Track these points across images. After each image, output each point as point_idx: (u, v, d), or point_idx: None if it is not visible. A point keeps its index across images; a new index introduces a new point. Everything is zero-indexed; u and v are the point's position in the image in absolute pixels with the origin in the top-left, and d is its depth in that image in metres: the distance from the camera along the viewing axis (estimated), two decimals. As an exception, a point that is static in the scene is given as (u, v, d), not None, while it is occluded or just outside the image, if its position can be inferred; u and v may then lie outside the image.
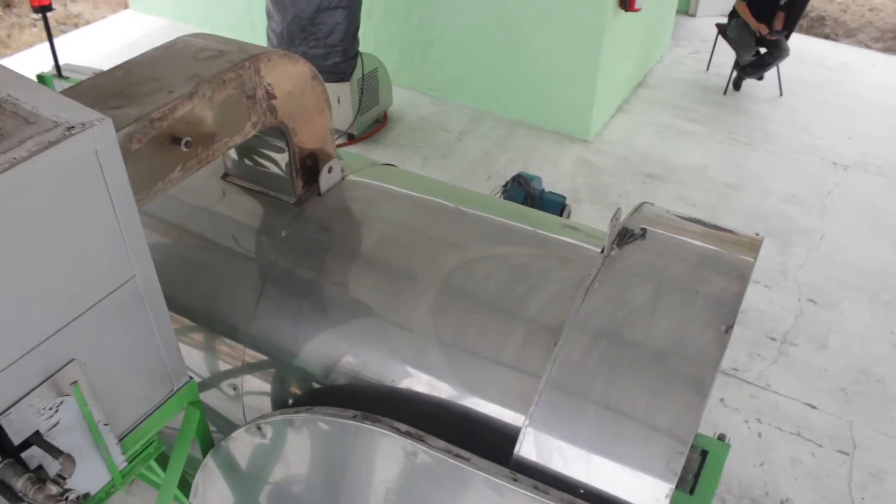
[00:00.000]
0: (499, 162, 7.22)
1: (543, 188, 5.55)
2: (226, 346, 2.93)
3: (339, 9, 6.41)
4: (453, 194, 3.24)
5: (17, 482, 1.97)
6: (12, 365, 1.93)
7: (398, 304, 2.73)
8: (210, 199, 3.10)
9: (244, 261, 2.97)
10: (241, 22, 9.33)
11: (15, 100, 1.82)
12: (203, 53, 2.58)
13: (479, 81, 7.95)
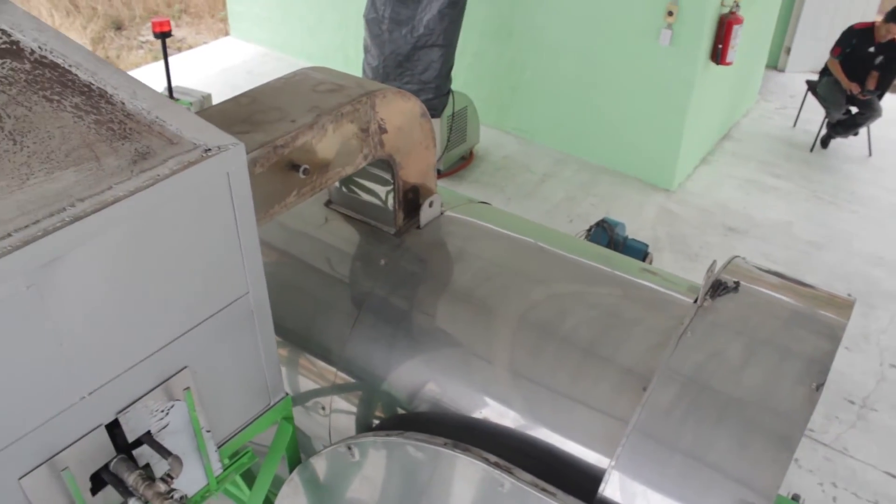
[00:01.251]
0: (581, 206, 7.28)
1: (626, 235, 5.59)
2: (318, 366, 3.04)
3: (435, 47, 6.58)
4: (547, 235, 3.31)
5: (129, 477, 2.10)
6: (134, 367, 2.06)
7: (489, 340, 2.81)
8: (313, 225, 3.24)
9: (342, 286, 3.09)
10: (335, 54, 9.60)
11: (162, 121, 1.96)
12: (322, 86, 2.71)
13: (565, 125, 8.04)
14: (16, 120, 1.77)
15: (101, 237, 1.82)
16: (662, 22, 6.96)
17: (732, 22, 6.95)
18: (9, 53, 1.83)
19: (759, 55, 9.10)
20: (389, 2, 6.70)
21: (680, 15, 6.82)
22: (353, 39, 9.05)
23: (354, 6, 8.63)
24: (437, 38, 6.57)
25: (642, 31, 7.10)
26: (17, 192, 1.72)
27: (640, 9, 7.00)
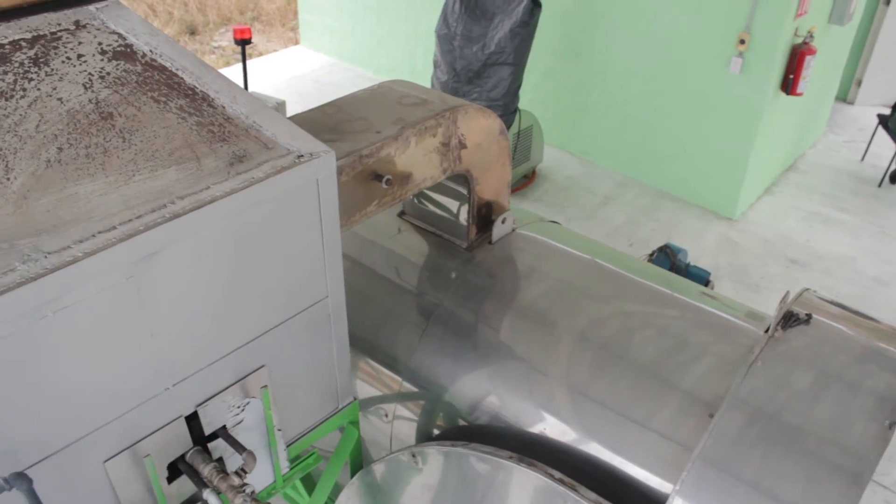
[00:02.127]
0: (642, 230, 7.26)
1: (689, 261, 5.56)
2: (383, 373, 3.09)
3: (505, 65, 6.63)
4: (615, 257, 3.33)
5: (205, 469, 2.16)
6: (216, 363, 2.13)
7: (554, 357, 2.83)
8: (385, 235, 3.29)
9: (412, 297, 3.13)
10: (402, 67, 9.72)
11: (259, 126, 2.03)
12: (407, 100, 2.77)
13: (629, 148, 8.03)
14: (126, 119, 1.85)
15: (197, 235, 1.89)
16: (733, 49, 6.93)
17: (805, 52, 6.89)
18: (123, 56, 1.92)
19: (829, 87, 8.99)
20: (462, 18, 6.78)
21: (752, 43, 6.79)
22: (422, 53, 9.16)
23: (425, 21, 8.75)
24: (507, 57, 6.62)
25: (713, 58, 7.07)
26: (124, 186, 1.80)
27: (712, 35, 6.98)
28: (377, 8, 9.86)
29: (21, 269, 1.64)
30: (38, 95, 1.78)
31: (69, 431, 1.88)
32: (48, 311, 1.69)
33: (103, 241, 1.73)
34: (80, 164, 1.77)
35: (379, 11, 9.87)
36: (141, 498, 2.13)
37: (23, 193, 1.69)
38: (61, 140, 1.77)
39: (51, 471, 1.87)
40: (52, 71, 1.82)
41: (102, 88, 1.86)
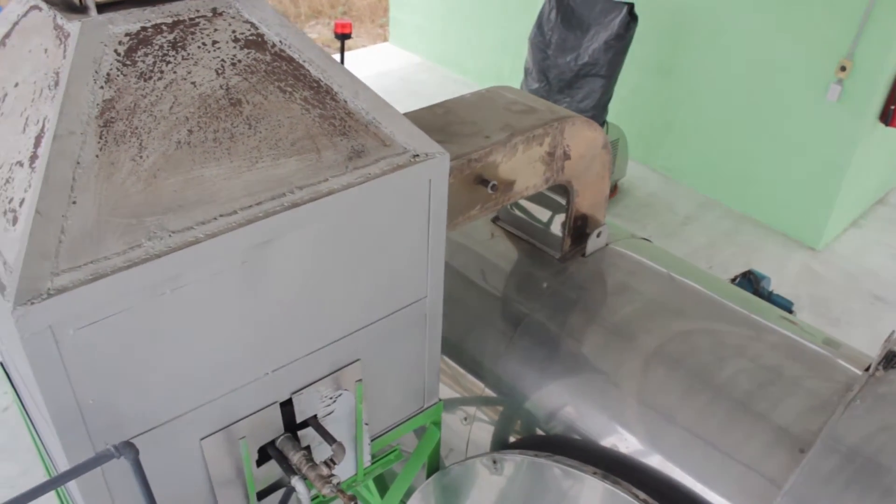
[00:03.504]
0: (722, 254, 7.14)
1: (772, 290, 5.45)
2: (466, 377, 3.09)
3: (598, 77, 6.59)
4: (708, 281, 3.27)
5: (294, 456, 2.19)
6: (314, 353, 2.16)
7: (642, 378, 2.79)
8: (478, 239, 3.30)
9: (501, 303, 3.13)
10: (490, 71, 9.73)
11: (378, 123, 2.05)
12: (515, 106, 2.77)
13: (713, 169, 7.90)
14: (253, 106, 1.89)
15: (312, 226, 1.92)
16: (832, 76, 6.77)
17: (910, 85, 6.70)
18: (254, 45, 1.95)
19: (928, 122, 8.72)
20: (557, 27, 6.76)
21: (854, 71, 6.61)
22: (511, 60, 9.15)
23: (517, 27, 8.74)
24: (600, 69, 6.58)
25: (810, 83, 6.91)
26: (247, 172, 1.83)
27: (812, 61, 6.82)
28: (469, 11, 9.89)
29: (147, 246, 1.69)
30: (173, 78, 1.83)
31: (173, 407, 1.92)
32: (167, 288, 1.73)
33: (224, 224, 1.77)
34: (207, 148, 1.80)
35: (470, 14, 9.89)
36: (230, 478, 2.17)
37: (153, 172, 1.73)
38: (192, 123, 1.81)
39: (151, 443, 1.92)
40: (188, 55, 1.86)
41: (233, 75, 1.90)
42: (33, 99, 1.83)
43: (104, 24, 1.79)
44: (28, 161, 1.73)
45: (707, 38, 7.43)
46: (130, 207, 1.70)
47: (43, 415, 1.90)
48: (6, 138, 1.86)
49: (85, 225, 1.65)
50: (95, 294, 1.63)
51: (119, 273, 1.64)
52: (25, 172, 1.72)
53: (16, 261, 1.60)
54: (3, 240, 1.70)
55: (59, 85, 1.75)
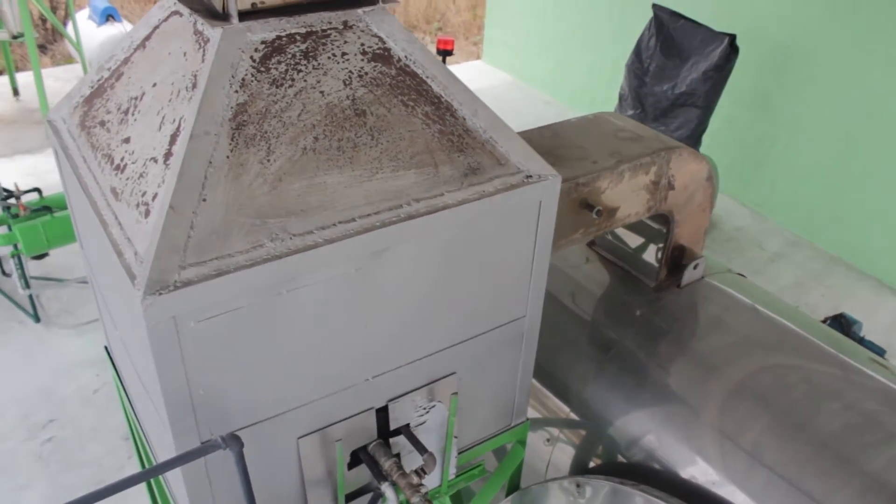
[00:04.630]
0: (810, 295, 6.97)
1: (863, 335, 5.30)
2: (552, 399, 3.09)
3: (694, 107, 6.53)
4: (804, 322, 3.21)
5: (385, 462, 2.22)
6: (414, 362, 2.19)
7: (731, 415, 2.76)
8: (572, 262, 3.30)
9: (592, 328, 3.13)
10: (582, 95, 9.71)
11: (494, 142, 2.08)
12: (623, 133, 2.77)
13: (806, 207, 7.73)
14: (377, 118, 1.94)
15: (425, 238, 1.95)
16: (938, 120, 6.58)
17: None
18: (381, 58, 2.01)
19: None
20: (656, 55, 6.72)
21: (961, 116, 6.42)
22: (605, 85, 9.12)
23: (612, 52, 8.72)
24: (697, 99, 6.52)
25: (913, 126, 6.73)
26: (367, 182, 1.88)
27: (917, 103, 6.64)
28: (564, 33, 9.90)
29: (269, 247, 1.74)
30: (303, 86, 1.89)
31: (277, 404, 1.97)
32: (284, 289, 1.79)
33: (342, 231, 1.82)
34: (331, 156, 1.86)
35: (565, 37, 9.90)
36: (321, 478, 2.22)
37: (279, 176, 1.79)
38: (318, 130, 1.87)
39: (252, 438, 1.97)
40: (319, 65, 1.92)
41: (360, 87, 1.95)
42: (170, 99, 1.91)
43: (243, 32, 1.87)
44: (162, 158, 1.81)
45: (808, 73, 7.29)
46: (256, 208, 1.76)
47: (154, 402, 1.97)
48: (142, 135, 1.94)
49: (213, 222, 1.71)
50: (218, 289, 1.69)
51: (241, 271, 1.70)
52: (159, 168, 1.80)
53: (147, 252, 1.67)
54: (134, 231, 1.77)
55: (197, 87, 1.83)
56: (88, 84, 2.34)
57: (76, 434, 4.93)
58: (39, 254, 5.17)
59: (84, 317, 5.92)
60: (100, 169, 2.04)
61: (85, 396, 5.20)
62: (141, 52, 2.17)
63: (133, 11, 13.50)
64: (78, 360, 5.49)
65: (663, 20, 6.72)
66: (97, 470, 4.65)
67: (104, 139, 2.09)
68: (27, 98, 9.74)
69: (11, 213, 5.01)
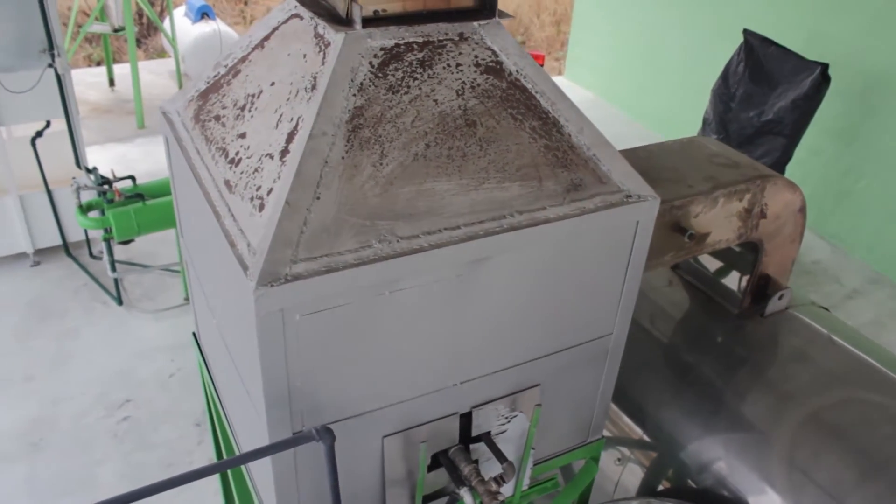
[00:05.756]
0: (891, 334, 6.80)
1: (943, 381, 5.15)
2: (625, 419, 3.10)
3: (780, 136, 6.44)
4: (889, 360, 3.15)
5: (465, 468, 2.25)
6: (501, 371, 2.22)
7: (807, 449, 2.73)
8: (654, 284, 3.30)
9: (670, 351, 3.12)
10: (664, 117, 9.64)
11: (597, 160, 2.10)
12: (718, 159, 2.77)
13: (888, 244, 7.55)
14: (486, 129, 1.98)
15: (525, 250, 1.99)
16: None
17: None
18: (493, 71, 2.05)
19: None
20: (744, 81, 6.64)
21: None
22: (689, 108, 9.04)
23: (697, 75, 8.64)
24: (784, 128, 6.42)
25: None
26: (473, 191, 1.92)
27: None
28: (650, 54, 9.85)
29: (376, 248, 1.79)
30: (418, 94, 1.94)
31: (367, 401, 2.02)
32: (386, 289, 1.84)
33: (447, 237, 1.86)
34: (441, 163, 1.91)
35: (650, 57, 9.85)
36: (401, 478, 2.26)
37: (390, 179, 1.85)
38: (430, 138, 1.92)
39: (340, 433, 2.02)
40: (434, 74, 1.97)
41: (471, 98, 1.99)
42: (288, 98, 1.98)
43: (364, 38, 1.93)
44: (279, 154, 1.88)
45: (901, 107, 7.14)
46: (366, 209, 1.81)
47: (250, 390, 2.04)
48: (258, 131, 2.02)
49: (325, 220, 1.77)
50: (325, 286, 1.75)
51: (349, 269, 1.75)
52: (275, 164, 1.87)
53: (260, 245, 1.73)
54: (247, 223, 1.84)
55: (317, 89, 1.89)
56: (204, 79, 2.43)
57: (150, 415, 5.07)
58: (126, 239, 5.34)
59: (163, 303, 6.09)
60: (214, 161, 2.12)
61: (161, 380, 5.35)
62: (259, 51, 2.25)
63: (224, 10, 13.84)
64: (156, 345, 5.65)
65: (754, 46, 6.64)
66: (168, 452, 4.77)
67: (219, 133, 2.18)
68: (121, 89, 10.07)
69: (107, 198, 5.19)
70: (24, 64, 5.66)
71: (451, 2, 2.06)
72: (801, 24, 7.54)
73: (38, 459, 4.74)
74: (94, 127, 8.95)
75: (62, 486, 4.56)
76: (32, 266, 6.46)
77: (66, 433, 4.94)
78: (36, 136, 6.04)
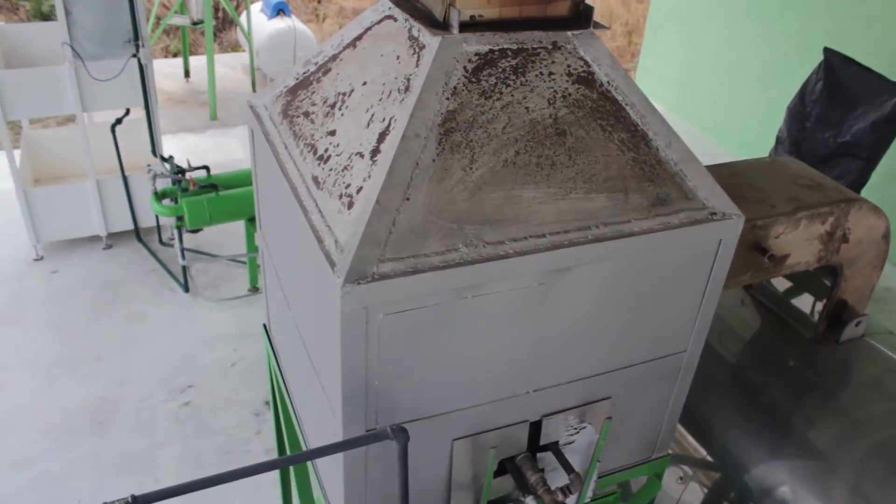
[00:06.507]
0: (959, 369, 6.62)
1: None
2: (689, 439, 3.06)
3: (857, 159, 6.30)
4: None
5: (532, 476, 2.25)
6: (573, 382, 2.22)
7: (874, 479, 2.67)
8: (726, 303, 3.26)
9: (739, 373, 3.08)
10: (735, 134, 9.52)
11: (683, 175, 2.09)
12: (802, 180, 2.73)
13: (964, 277, 7.35)
14: (575, 139, 1.98)
15: (608, 262, 1.98)
16: None
17: None
18: (584, 82, 2.05)
19: None
20: (821, 100, 6.52)
21: None
22: (762, 125, 8.91)
23: (771, 92, 8.52)
24: (861, 150, 6.28)
25: None
26: (560, 200, 1.92)
27: None
28: (723, 69, 9.72)
29: (462, 251, 1.80)
30: (510, 101, 1.95)
31: (441, 403, 2.03)
32: (469, 294, 1.85)
33: (532, 245, 1.87)
34: (529, 171, 1.91)
35: (723, 73, 9.72)
36: (467, 482, 2.27)
37: (479, 184, 1.86)
38: (520, 145, 1.92)
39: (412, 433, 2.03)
40: (526, 82, 1.98)
41: (562, 107, 2.00)
42: (381, 99, 2.00)
43: (459, 43, 1.94)
44: (369, 154, 1.90)
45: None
46: (454, 213, 1.82)
47: (326, 386, 2.06)
48: (348, 129, 2.04)
49: (413, 221, 1.79)
50: (410, 286, 1.76)
51: (435, 272, 1.76)
52: (365, 164, 1.89)
53: (349, 242, 1.75)
54: (335, 220, 1.87)
55: (410, 90, 1.91)
56: (293, 75, 2.47)
57: (211, 402, 5.16)
58: (196, 228, 5.44)
59: (228, 292, 6.19)
60: (302, 157, 2.15)
61: (223, 368, 5.44)
62: (351, 50, 2.28)
63: (298, 7, 14.02)
64: (219, 333, 5.75)
65: (834, 65, 6.50)
66: (227, 440, 4.85)
67: (307, 129, 2.21)
68: (196, 80, 10.27)
69: (182, 186, 5.30)
70: (110, 53, 5.82)
71: (547, 10, 2.06)
72: (885, 44, 7.39)
73: (103, 437, 4.86)
74: (167, 116, 9.15)
75: (124, 465, 4.67)
76: (105, 249, 6.64)
77: (129, 413, 5.06)
78: (116, 122, 6.20)
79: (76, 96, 5.88)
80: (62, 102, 5.93)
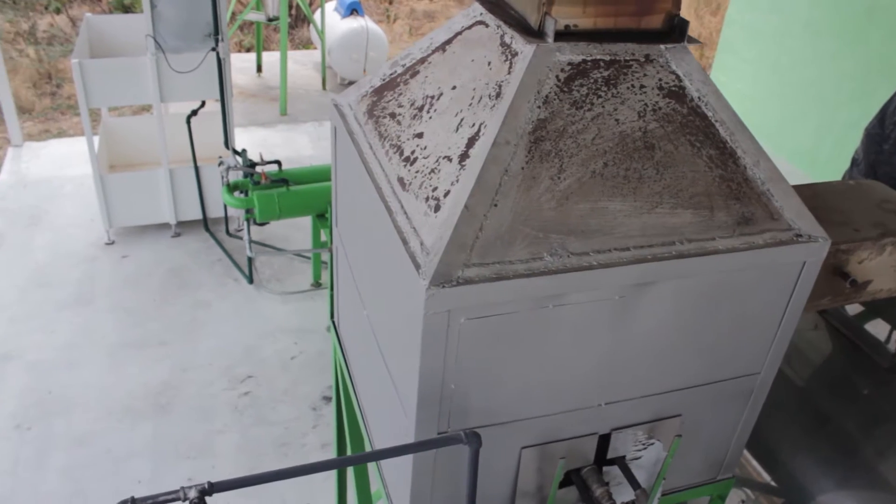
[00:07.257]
0: None
1: None
2: (753, 462, 3.02)
3: (935, 186, 6.14)
4: None
5: (597, 489, 2.24)
6: (645, 397, 2.20)
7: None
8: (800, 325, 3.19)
9: (808, 398, 3.03)
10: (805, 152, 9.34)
11: (770, 195, 2.06)
12: (889, 205, 2.67)
13: None
14: (664, 154, 1.97)
15: (690, 279, 1.96)
16: None
17: None
18: (675, 96, 2.04)
19: None
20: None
21: None
22: (831, 144, 8.75)
23: (847, 113, 8.35)
24: (940, 178, 6.13)
25: None
26: (645, 215, 1.91)
27: None
28: (797, 86, 9.55)
29: (547, 260, 1.81)
30: (601, 112, 1.95)
31: (513, 411, 2.04)
32: (550, 303, 1.85)
33: (616, 257, 1.86)
34: (616, 183, 1.90)
35: (797, 91, 9.55)
36: (532, 491, 2.26)
37: (566, 194, 1.86)
38: (608, 157, 1.92)
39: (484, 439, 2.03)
40: (617, 94, 1.98)
41: (652, 120, 1.99)
42: (471, 104, 2.01)
43: (553, 52, 1.95)
44: (458, 158, 1.91)
45: None
46: (540, 222, 1.83)
47: (399, 386, 2.08)
48: (436, 132, 2.06)
49: (500, 227, 1.80)
50: (494, 292, 1.77)
51: (518, 279, 1.77)
52: (453, 168, 1.90)
53: (435, 245, 1.77)
54: (421, 222, 1.88)
55: (502, 97, 1.92)
56: (379, 76, 2.49)
57: (270, 393, 5.23)
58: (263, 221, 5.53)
59: (291, 286, 6.27)
60: (387, 157, 2.17)
61: (283, 360, 5.51)
62: (440, 54, 2.30)
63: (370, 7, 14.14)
64: (281, 326, 5.83)
65: (916, 90, 6.36)
66: (284, 432, 4.91)
67: (394, 130, 2.23)
68: (268, 76, 10.43)
69: (253, 179, 5.38)
70: (190, 46, 5.95)
71: (641, 22, 2.05)
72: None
73: (164, 421, 4.96)
74: (239, 110, 9.30)
75: (183, 450, 4.76)
76: (173, 237, 6.77)
77: (191, 399, 5.15)
78: (192, 114, 6.33)
79: (156, 87, 6.01)
80: (142, 92, 6.08)
